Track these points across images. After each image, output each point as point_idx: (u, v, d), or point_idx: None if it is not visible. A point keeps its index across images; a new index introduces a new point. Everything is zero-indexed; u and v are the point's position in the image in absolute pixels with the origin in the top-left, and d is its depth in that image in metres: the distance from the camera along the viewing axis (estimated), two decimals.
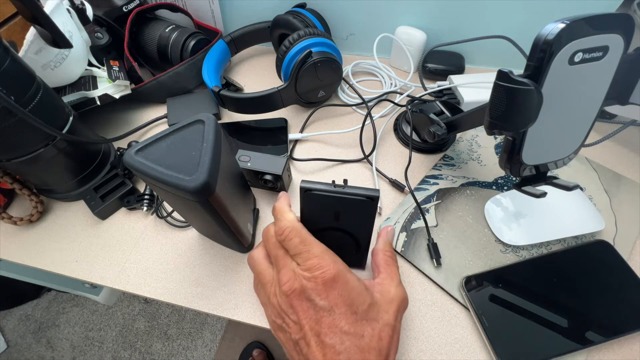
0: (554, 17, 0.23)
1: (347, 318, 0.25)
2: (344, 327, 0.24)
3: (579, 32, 0.23)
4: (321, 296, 0.25)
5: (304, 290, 0.25)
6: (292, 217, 0.29)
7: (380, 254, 0.31)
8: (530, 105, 0.24)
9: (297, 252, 0.27)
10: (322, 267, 0.25)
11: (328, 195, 0.28)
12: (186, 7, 0.60)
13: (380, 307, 0.27)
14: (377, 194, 0.28)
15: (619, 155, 0.44)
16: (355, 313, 0.25)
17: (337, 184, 0.28)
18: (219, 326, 1.17)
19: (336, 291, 0.25)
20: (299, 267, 0.26)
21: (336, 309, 0.25)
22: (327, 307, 0.25)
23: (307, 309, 0.25)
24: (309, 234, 0.28)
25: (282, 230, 0.28)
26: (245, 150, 0.41)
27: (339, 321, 0.25)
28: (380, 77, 0.57)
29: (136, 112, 0.55)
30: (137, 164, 0.26)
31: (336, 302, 0.25)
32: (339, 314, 0.25)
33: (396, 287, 0.28)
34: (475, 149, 0.46)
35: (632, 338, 0.32)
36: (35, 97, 0.34)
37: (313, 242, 0.27)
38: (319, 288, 0.25)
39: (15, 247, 0.41)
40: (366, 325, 0.25)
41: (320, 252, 0.27)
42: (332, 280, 0.25)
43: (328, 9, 0.56)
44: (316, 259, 0.26)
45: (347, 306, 0.25)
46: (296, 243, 0.27)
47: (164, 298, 0.36)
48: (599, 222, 0.37)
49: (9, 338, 1.20)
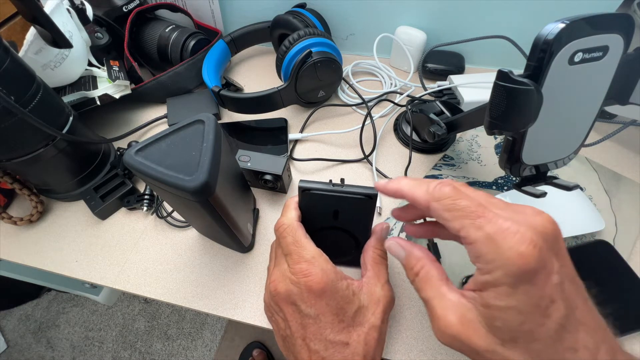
0: (554, 17, 0.23)
1: (332, 327, 0.24)
2: (329, 335, 0.24)
3: (579, 32, 0.23)
4: (306, 304, 0.25)
5: (290, 295, 0.25)
6: (293, 215, 0.28)
7: (370, 251, 0.30)
8: (530, 105, 0.24)
9: (288, 251, 0.26)
10: (309, 274, 0.25)
11: (326, 195, 0.28)
12: (186, 7, 0.60)
13: (367, 309, 0.26)
14: (375, 192, 0.28)
15: (619, 155, 0.44)
16: (342, 321, 0.25)
17: (335, 183, 0.28)
18: (219, 326, 1.17)
19: (323, 301, 0.25)
20: (289, 268, 0.26)
21: (322, 318, 0.24)
22: (312, 314, 0.24)
23: (293, 312, 0.25)
24: (303, 235, 0.27)
25: (278, 226, 0.28)
26: (245, 150, 0.41)
27: (324, 329, 0.24)
28: (380, 77, 0.57)
29: (136, 112, 0.55)
30: (137, 164, 0.26)
31: (323, 311, 0.24)
32: (325, 323, 0.24)
33: (382, 287, 0.28)
34: (475, 149, 0.46)
35: (632, 338, 0.32)
36: (35, 97, 0.34)
37: (306, 245, 0.26)
38: (304, 295, 0.25)
39: (15, 247, 0.41)
40: (352, 332, 0.25)
41: (311, 257, 0.26)
42: (320, 290, 0.24)
43: (328, 9, 0.56)
44: (305, 264, 0.25)
45: (334, 315, 0.25)
46: (288, 242, 0.27)
47: (164, 298, 0.36)
48: (599, 222, 0.37)
49: (9, 338, 1.20)
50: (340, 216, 0.30)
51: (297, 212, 0.29)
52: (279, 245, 0.28)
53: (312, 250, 0.26)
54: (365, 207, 0.29)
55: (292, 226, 0.27)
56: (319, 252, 0.27)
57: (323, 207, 0.29)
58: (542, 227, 0.19)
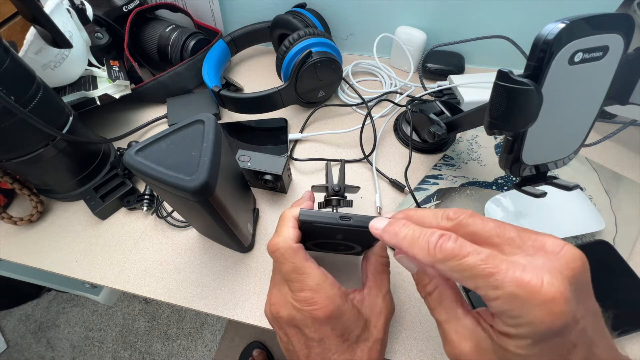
0: (554, 17, 0.23)
1: (337, 347, 0.24)
2: (333, 356, 0.24)
3: (579, 32, 0.23)
4: (310, 329, 0.24)
5: (292, 319, 0.24)
6: (290, 235, 0.25)
7: (373, 258, 0.29)
8: (530, 105, 0.24)
9: (289, 279, 0.25)
10: (315, 303, 0.23)
11: (330, 227, 0.26)
12: (186, 7, 0.60)
13: (370, 323, 0.26)
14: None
15: (619, 155, 0.44)
16: (347, 340, 0.25)
17: (342, 216, 0.26)
18: (219, 326, 1.17)
19: (328, 326, 0.24)
20: (291, 293, 0.25)
21: (327, 340, 0.24)
22: (317, 338, 0.24)
23: (296, 334, 0.25)
24: (304, 259, 0.25)
25: (274, 248, 0.25)
26: (245, 150, 0.41)
27: (328, 351, 0.24)
28: (380, 77, 0.57)
29: (136, 112, 0.55)
30: (137, 164, 0.26)
31: (327, 335, 0.24)
32: (329, 345, 0.24)
33: (383, 298, 0.27)
34: (475, 149, 0.46)
35: (633, 338, 0.32)
36: (35, 97, 0.34)
37: (308, 270, 0.24)
38: (308, 322, 0.24)
39: (15, 247, 0.41)
40: (356, 349, 0.25)
41: (316, 285, 0.24)
42: (326, 318, 0.23)
43: (328, 9, 0.56)
44: (309, 292, 0.23)
45: (338, 337, 0.24)
46: (288, 270, 0.24)
47: (164, 298, 0.36)
48: (599, 222, 0.37)
49: (9, 338, 1.20)
50: (344, 237, 0.29)
51: (296, 232, 0.26)
52: (277, 267, 0.26)
53: (316, 277, 0.24)
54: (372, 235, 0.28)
55: (290, 250, 0.25)
56: (324, 277, 0.25)
57: (325, 234, 0.28)
58: (569, 270, 0.16)
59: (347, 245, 0.31)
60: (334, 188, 0.33)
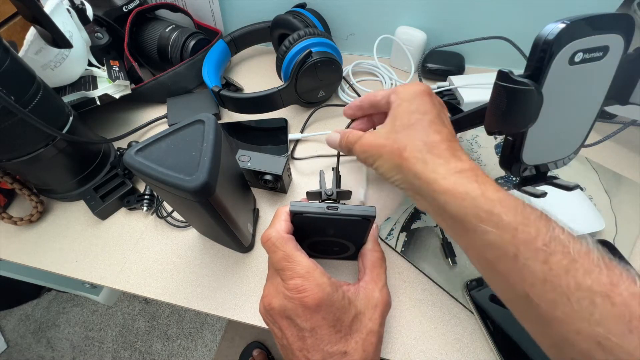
0: (554, 17, 0.23)
1: (329, 338, 0.24)
2: (327, 347, 0.24)
3: (579, 32, 0.23)
4: (302, 318, 0.24)
5: (284, 310, 0.25)
6: (282, 226, 0.27)
7: (368, 254, 0.30)
8: (531, 106, 0.24)
9: (280, 267, 0.26)
10: (305, 290, 0.24)
11: (320, 217, 0.27)
12: (186, 7, 0.60)
13: (364, 315, 0.26)
14: (373, 214, 0.27)
15: (619, 155, 0.44)
16: (339, 331, 0.25)
17: (330, 205, 0.27)
18: (219, 326, 1.17)
19: (319, 315, 0.24)
20: (282, 283, 0.25)
21: (319, 330, 0.24)
22: (308, 328, 0.24)
23: (289, 325, 0.25)
24: (295, 248, 0.26)
25: (266, 239, 0.27)
26: (245, 150, 0.41)
27: (321, 342, 0.24)
28: (380, 77, 0.57)
29: (136, 112, 0.55)
30: (137, 164, 0.26)
31: (319, 325, 0.24)
32: (322, 335, 0.24)
33: (380, 291, 0.28)
34: (475, 149, 0.46)
35: None
36: (35, 97, 0.34)
37: (298, 258, 0.25)
38: (299, 311, 0.24)
39: (15, 247, 0.41)
40: (350, 340, 0.25)
41: (306, 272, 0.25)
42: (315, 306, 0.24)
43: (328, 9, 0.56)
44: (299, 280, 0.24)
45: (331, 327, 0.25)
46: (279, 258, 0.26)
47: (164, 298, 0.36)
48: (599, 222, 0.37)
49: (9, 338, 1.20)
50: (335, 232, 0.29)
51: (287, 224, 0.28)
52: (270, 260, 0.27)
53: (306, 265, 0.25)
54: (362, 226, 0.28)
55: (280, 239, 0.26)
56: (313, 265, 0.26)
57: (317, 226, 0.29)
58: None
59: (341, 244, 0.32)
60: (326, 193, 0.35)
